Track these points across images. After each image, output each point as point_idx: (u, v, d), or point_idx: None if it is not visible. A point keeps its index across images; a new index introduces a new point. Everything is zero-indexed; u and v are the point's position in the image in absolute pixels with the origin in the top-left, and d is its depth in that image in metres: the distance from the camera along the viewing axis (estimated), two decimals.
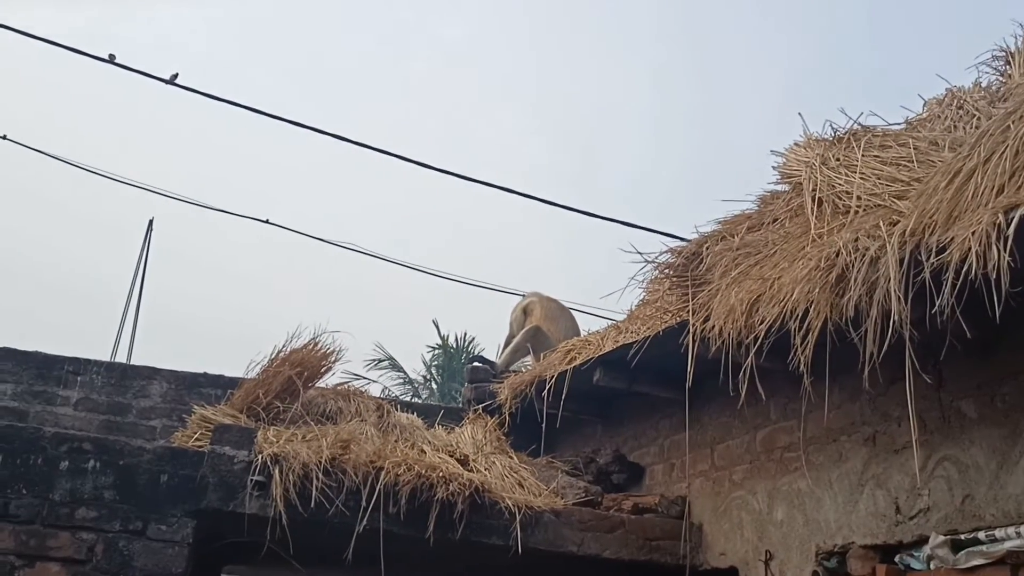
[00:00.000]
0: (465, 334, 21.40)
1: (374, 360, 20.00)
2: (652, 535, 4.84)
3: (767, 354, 3.69)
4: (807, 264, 3.02)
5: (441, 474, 4.51)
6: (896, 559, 3.63)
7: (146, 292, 9.32)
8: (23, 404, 6.19)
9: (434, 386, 20.74)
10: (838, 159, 3.76)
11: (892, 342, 2.84)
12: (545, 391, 5.55)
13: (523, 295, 8.13)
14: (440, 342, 21.24)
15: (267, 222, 9.08)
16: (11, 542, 3.83)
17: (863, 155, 3.66)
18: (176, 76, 6.98)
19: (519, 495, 4.76)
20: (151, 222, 9.49)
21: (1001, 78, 4.58)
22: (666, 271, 4.31)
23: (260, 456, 4.28)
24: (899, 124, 4.14)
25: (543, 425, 5.58)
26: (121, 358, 8.67)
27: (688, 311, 4.06)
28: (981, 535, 3.20)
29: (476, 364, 7.36)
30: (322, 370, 5.46)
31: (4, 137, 7.64)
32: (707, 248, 4.03)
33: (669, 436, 5.43)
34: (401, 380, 20.52)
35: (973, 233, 2.54)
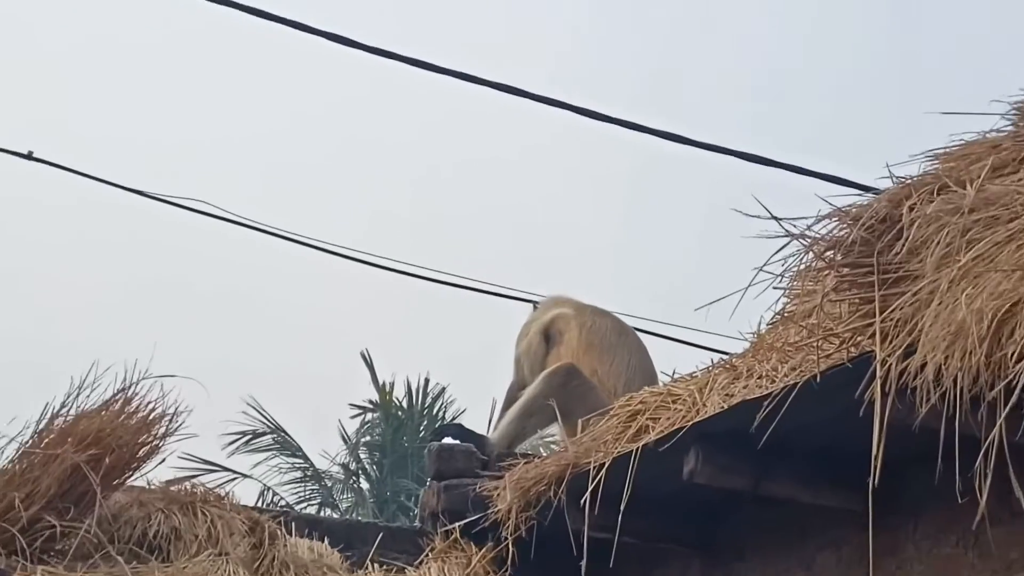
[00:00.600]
0: (426, 381, 21.50)
1: (243, 434, 20.13)
2: None
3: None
4: None
5: None
6: None
7: None
8: None
9: (364, 484, 20.85)
10: None
11: None
12: (587, 495, 5.54)
13: (537, 302, 8.15)
14: (378, 396, 21.32)
15: (30, 157, 9.08)
16: None
17: None
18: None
19: None
20: None
21: None
22: (830, 255, 4.29)
23: None
24: None
25: (583, 564, 5.57)
26: None
27: (874, 334, 4.04)
28: None
29: (449, 443, 7.35)
30: (141, 453, 5.47)
31: None
32: (911, 210, 4.01)
33: None
34: (300, 472, 20.63)
35: None
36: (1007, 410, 3.48)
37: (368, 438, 21.30)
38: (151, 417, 5.53)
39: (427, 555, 5.82)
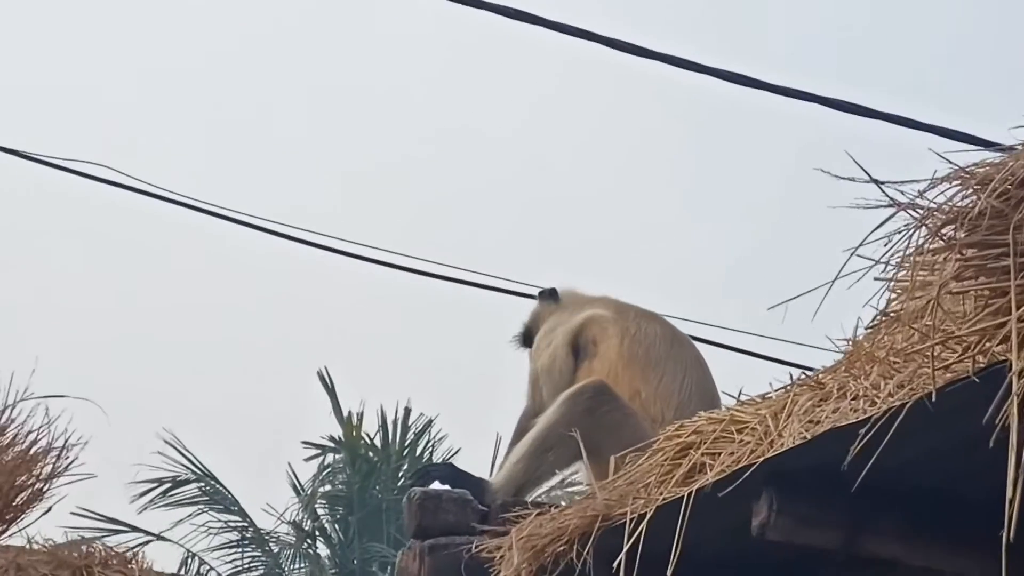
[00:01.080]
0: (406, 412, 21.53)
1: (160, 482, 20.19)
2: None
3: None
4: None
5: None
6: None
7: None
8: None
9: (323, 549, 20.93)
10: None
11: None
12: (621, 556, 5.55)
13: (544, 293, 8.19)
14: (342, 432, 21.34)
15: None
16: None
17: None
18: None
19: None
20: None
21: None
22: (949, 232, 4.29)
23: None
24: None
25: None
26: None
27: (1009, 336, 4.04)
28: None
29: (436, 489, 7.37)
30: (18, 500, 5.49)
31: None
32: None
33: None
34: (237, 533, 20.70)
35: None
36: None
37: (328, 487, 21.35)
38: (32, 451, 5.53)
39: None
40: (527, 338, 7.97)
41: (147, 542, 16.98)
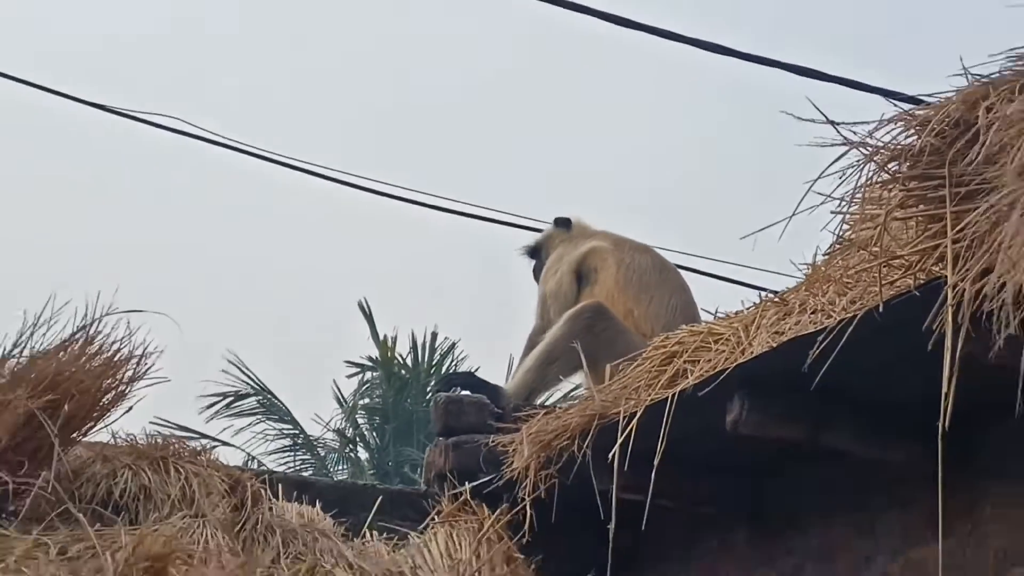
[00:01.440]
0: (433, 335, 21.49)
1: (224, 396, 20.17)
2: None
3: None
4: None
5: None
6: None
7: None
8: None
9: (362, 453, 20.94)
10: None
11: None
12: (615, 450, 5.57)
13: (540, 234, 8.19)
14: (379, 353, 21.28)
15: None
16: None
17: None
18: None
19: None
20: None
21: None
22: (894, 166, 4.29)
23: None
24: None
25: (612, 528, 5.60)
26: None
27: (945, 256, 4.06)
28: None
29: (459, 394, 7.38)
30: (105, 401, 5.50)
31: None
32: (989, 111, 4.00)
33: (901, 552, 5.45)
34: (289, 439, 20.70)
35: None
36: None
37: (367, 400, 21.33)
38: (116, 358, 5.54)
39: (433, 519, 5.84)
40: (534, 252, 8.02)
41: (213, 447, 16.95)
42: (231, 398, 20.06)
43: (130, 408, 5.68)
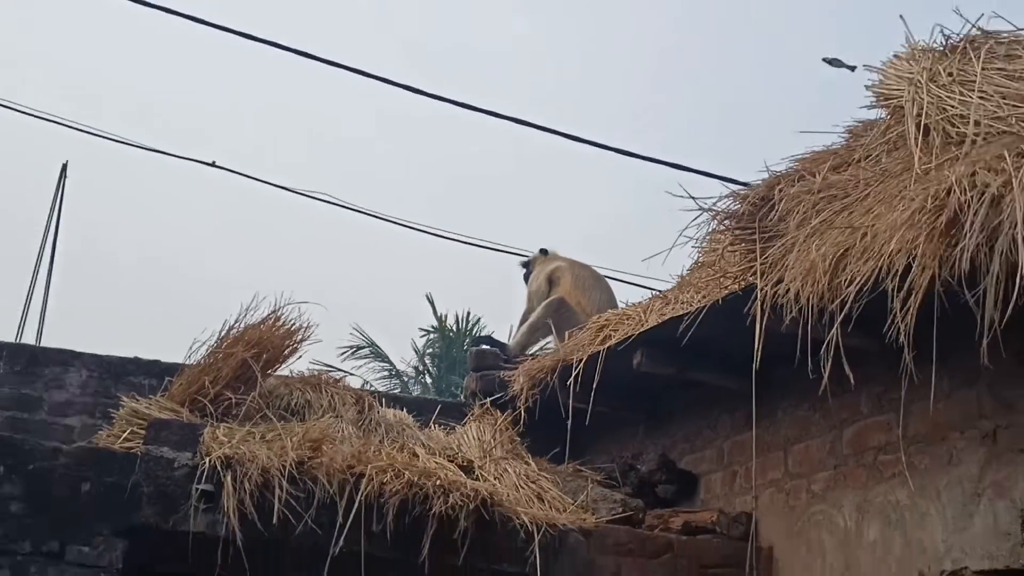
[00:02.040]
0: (467, 313, 21.50)
1: (350, 347, 20.12)
2: (708, 561, 4.89)
3: (857, 327, 3.72)
4: (910, 206, 3.02)
5: (439, 483, 4.55)
6: None
7: (60, 256, 9.30)
8: None
9: (428, 380, 20.87)
10: (951, 74, 3.74)
11: (1019, 306, 2.84)
12: (571, 380, 5.57)
13: (527, 257, 8.19)
14: (436, 324, 21.36)
15: (214, 165, 9.05)
16: None
17: (984, 68, 3.64)
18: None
19: (538, 510, 4.81)
20: (64, 167, 9.40)
21: None
22: (728, 222, 4.30)
23: (207, 459, 4.33)
24: None
25: (569, 423, 5.60)
26: (29, 339, 8.70)
27: (756, 272, 4.07)
28: None
29: (483, 347, 7.41)
30: (286, 352, 5.52)
31: None
32: (780, 191, 4.02)
33: (730, 437, 5.46)
34: (385, 372, 20.67)
35: None
36: (841, 318, 3.51)
37: (431, 350, 21.31)
38: (292, 329, 5.56)
39: (469, 419, 5.85)
40: (526, 265, 8.04)
41: (344, 376, 16.88)
42: (355, 348, 20.07)
43: (299, 356, 5.69)
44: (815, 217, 3.78)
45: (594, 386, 5.45)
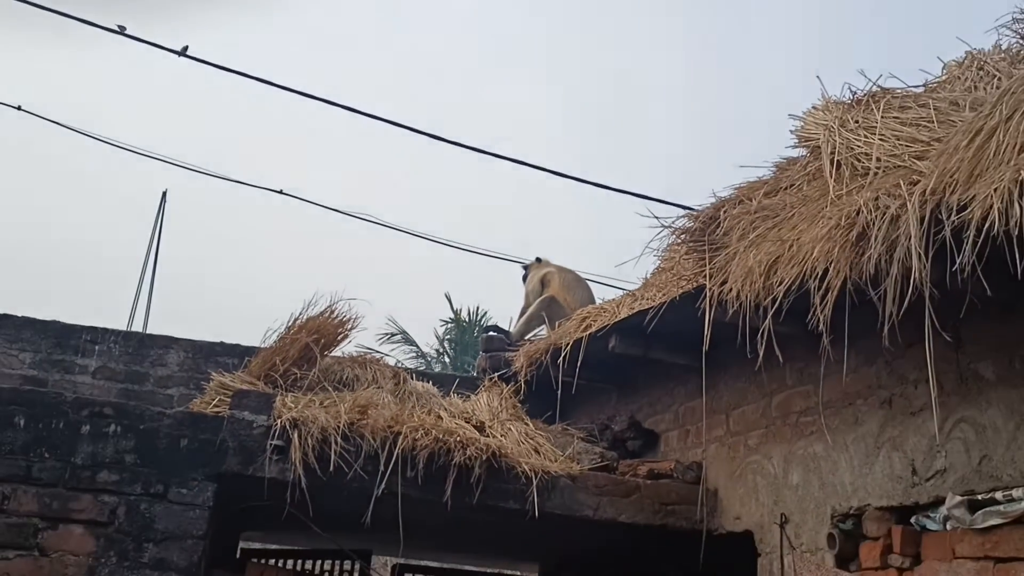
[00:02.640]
0: (477, 308, 21.47)
1: (386, 334, 20.07)
2: (668, 500, 4.87)
3: (785, 318, 3.69)
4: (827, 223, 3.01)
5: (458, 439, 4.54)
6: (912, 520, 3.65)
7: (161, 264, 9.32)
8: (42, 373, 6.25)
9: (447, 359, 20.80)
10: (857, 121, 3.73)
11: (912, 301, 2.83)
12: (560, 358, 5.56)
13: (526, 264, 8.16)
14: (453, 316, 21.34)
15: (281, 192, 9.04)
16: (34, 505, 3.88)
17: (883, 116, 3.63)
18: (187, 48, 6.96)
19: (535, 460, 4.79)
20: (164, 194, 9.49)
21: (1022, 40, 4.52)
22: (683, 236, 4.28)
23: (279, 421, 4.32)
24: (919, 87, 4.10)
25: (559, 392, 5.59)
26: (137, 331, 8.67)
27: (705, 275, 4.05)
28: (998, 495, 3.21)
29: (491, 334, 7.37)
30: (339, 338, 5.50)
31: (20, 108, 7.65)
32: (724, 212, 4.01)
33: (684, 403, 5.44)
34: (414, 354, 20.61)
35: (995, 190, 2.53)
36: (773, 311, 3.49)
37: (448, 337, 21.28)
38: (343, 320, 5.53)
39: (481, 390, 5.81)
40: (524, 268, 7.91)
41: (383, 356, 16.78)
42: (389, 335, 20.06)
43: (350, 341, 5.66)
44: (752, 232, 3.76)
45: (578, 364, 5.44)
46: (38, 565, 3.81)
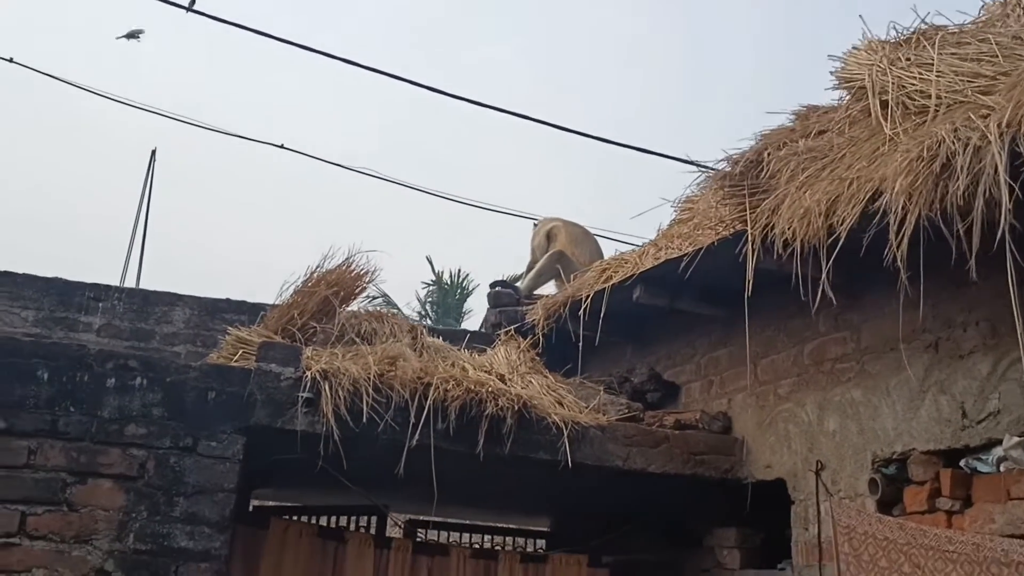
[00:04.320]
0: (459, 270, 21.33)
1: (368, 297, 19.92)
2: (696, 450, 4.78)
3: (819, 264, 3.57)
4: (907, 156, 2.87)
5: (489, 390, 4.40)
6: (962, 463, 3.57)
7: (153, 223, 9.01)
8: (45, 330, 6.01)
9: (429, 323, 20.66)
10: (908, 59, 3.59)
11: (989, 237, 2.71)
12: (581, 311, 5.42)
13: (537, 221, 7.99)
14: (434, 279, 21.16)
15: (282, 147, 8.77)
16: (62, 459, 3.69)
17: (939, 53, 3.50)
18: (194, 2, 6.63)
19: (563, 411, 4.66)
20: (154, 152, 9.14)
21: None
22: (722, 181, 4.13)
23: (308, 373, 4.14)
24: (966, 24, 3.96)
25: (579, 346, 5.45)
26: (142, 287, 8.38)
27: (746, 221, 3.91)
28: None
29: (499, 289, 7.21)
30: (357, 291, 5.31)
31: (11, 60, 7.30)
32: (769, 154, 3.86)
33: (707, 353, 5.34)
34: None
35: None
36: (833, 255, 3.34)
37: (431, 299, 21.12)
38: (361, 272, 5.34)
39: (497, 343, 5.66)
40: (535, 226, 7.77)
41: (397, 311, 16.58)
42: (371, 298, 19.82)
43: (366, 293, 5.48)
44: (802, 173, 3.62)
45: (601, 316, 5.30)
46: (67, 520, 3.62)
